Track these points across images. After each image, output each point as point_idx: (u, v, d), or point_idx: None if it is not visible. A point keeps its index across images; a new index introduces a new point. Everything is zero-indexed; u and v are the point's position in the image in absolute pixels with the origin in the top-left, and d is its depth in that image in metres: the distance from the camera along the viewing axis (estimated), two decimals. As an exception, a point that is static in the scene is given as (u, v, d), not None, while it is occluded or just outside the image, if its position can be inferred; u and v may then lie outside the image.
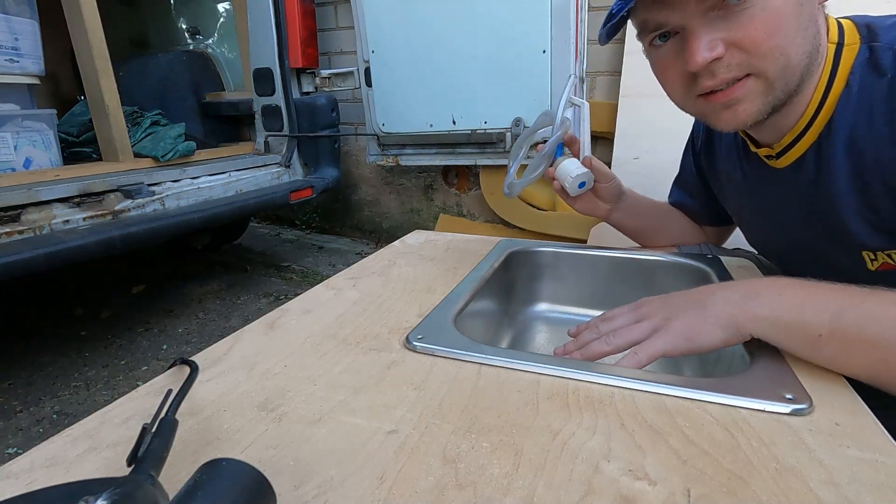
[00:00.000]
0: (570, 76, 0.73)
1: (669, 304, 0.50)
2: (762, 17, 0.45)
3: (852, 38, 0.50)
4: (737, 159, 0.66)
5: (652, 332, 0.48)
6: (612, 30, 0.53)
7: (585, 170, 0.69)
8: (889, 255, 0.53)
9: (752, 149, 0.61)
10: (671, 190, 0.87)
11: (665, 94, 0.56)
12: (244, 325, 0.57)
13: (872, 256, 0.54)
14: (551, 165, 0.72)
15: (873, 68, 0.48)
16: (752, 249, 0.78)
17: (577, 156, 0.70)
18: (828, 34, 0.51)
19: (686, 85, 0.52)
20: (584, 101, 0.69)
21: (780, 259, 0.71)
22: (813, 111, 0.52)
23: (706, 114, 0.53)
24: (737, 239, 0.81)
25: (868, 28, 0.50)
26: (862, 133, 0.49)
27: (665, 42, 0.51)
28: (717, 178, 0.74)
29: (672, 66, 0.52)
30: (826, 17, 0.52)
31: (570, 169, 0.69)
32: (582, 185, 0.70)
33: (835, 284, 0.43)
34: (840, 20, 0.52)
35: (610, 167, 1.69)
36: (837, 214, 0.54)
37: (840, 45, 0.50)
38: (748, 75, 0.48)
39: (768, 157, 0.59)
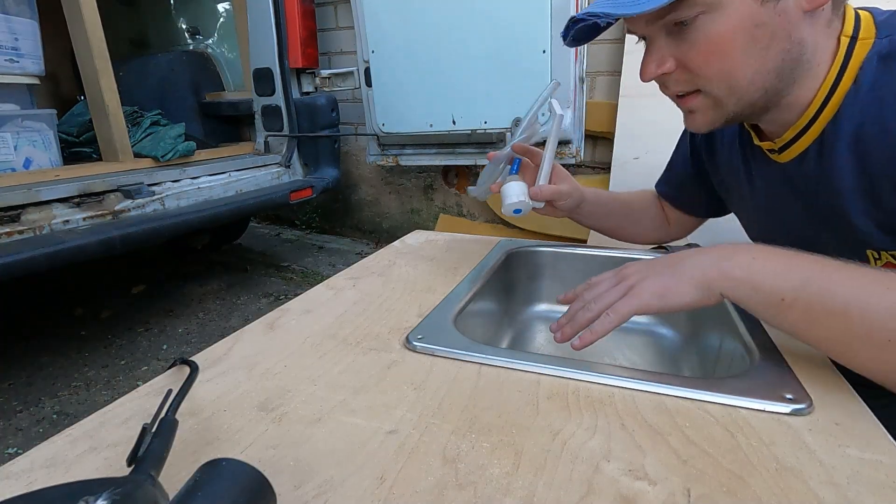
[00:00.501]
0: (552, 80, 0.73)
1: (648, 265, 0.51)
2: (705, 43, 0.47)
3: (867, 33, 0.48)
4: (739, 152, 0.66)
5: (627, 291, 0.49)
6: (571, 43, 0.56)
7: (522, 199, 0.67)
8: (893, 256, 0.52)
9: (756, 142, 0.61)
10: (659, 178, 0.86)
11: (664, 94, 0.57)
12: (244, 325, 0.57)
13: (877, 255, 0.53)
14: (501, 179, 0.70)
15: (890, 62, 0.46)
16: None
17: (538, 165, 0.69)
18: (843, 27, 0.49)
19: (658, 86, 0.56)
20: (562, 112, 0.67)
21: None
22: (818, 106, 0.51)
23: (681, 112, 0.56)
24: (734, 237, 0.81)
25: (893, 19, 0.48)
26: (870, 130, 0.47)
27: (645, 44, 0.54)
28: (718, 170, 0.73)
29: None
30: (845, 9, 0.50)
31: (509, 193, 0.68)
32: (517, 211, 0.69)
33: (810, 255, 0.44)
34: (858, 11, 0.50)
35: (610, 167, 1.72)
36: (841, 211, 0.53)
37: (854, 39, 0.49)
38: (698, 90, 0.51)
39: (771, 150, 0.59)
